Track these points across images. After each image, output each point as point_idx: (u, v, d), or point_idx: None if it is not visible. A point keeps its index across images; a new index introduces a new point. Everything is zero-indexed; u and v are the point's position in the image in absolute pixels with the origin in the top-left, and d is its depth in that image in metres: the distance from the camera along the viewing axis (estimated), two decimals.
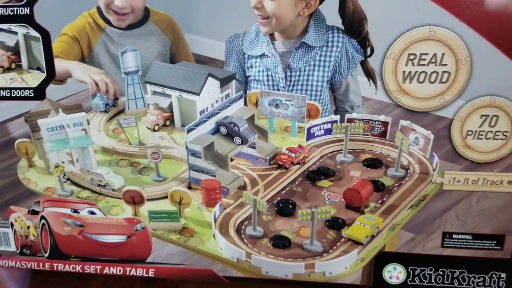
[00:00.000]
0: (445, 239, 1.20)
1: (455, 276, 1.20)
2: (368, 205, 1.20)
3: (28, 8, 1.19)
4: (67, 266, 1.28)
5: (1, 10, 1.20)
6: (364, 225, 1.13)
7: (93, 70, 1.39)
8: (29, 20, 1.20)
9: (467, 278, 1.20)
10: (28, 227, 1.30)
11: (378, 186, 1.23)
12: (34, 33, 1.22)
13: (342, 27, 1.30)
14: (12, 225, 1.34)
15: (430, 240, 1.23)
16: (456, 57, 1.10)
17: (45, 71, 1.25)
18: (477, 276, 1.20)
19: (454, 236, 1.20)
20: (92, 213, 1.26)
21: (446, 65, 1.11)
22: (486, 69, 1.10)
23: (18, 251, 1.34)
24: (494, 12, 1.06)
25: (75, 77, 1.38)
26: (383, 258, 1.20)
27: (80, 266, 1.28)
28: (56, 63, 1.24)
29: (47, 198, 1.29)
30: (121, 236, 1.22)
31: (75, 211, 1.26)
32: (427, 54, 1.12)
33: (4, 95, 1.27)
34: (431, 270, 1.21)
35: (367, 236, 1.12)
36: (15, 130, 1.42)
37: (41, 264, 1.30)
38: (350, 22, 1.27)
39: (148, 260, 1.25)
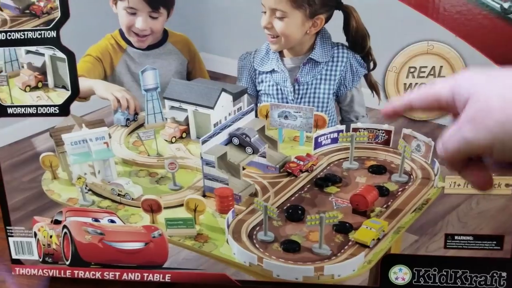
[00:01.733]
0: (448, 241, 1.22)
1: (458, 276, 1.22)
2: (374, 209, 1.22)
3: (55, 31, 1.22)
4: (87, 273, 1.30)
5: (30, 33, 1.23)
6: (370, 228, 1.15)
7: (115, 88, 1.42)
8: (55, 42, 1.23)
9: (469, 278, 1.22)
10: (51, 236, 1.32)
11: (383, 191, 1.25)
12: (60, 54, 1.25)
13: (346, 43, 1.32)
14: (35, 234, 1.36)
15: (433, 242, 1.24)
16: (453, 69, 1.13)
17: (69, 89, 1.27)
18: (478, 276, 1.21)
19: (456, 237, 1.22)
20: (112, 221, 1.28)
21: (444, 76, 1.14)
22: None
23: (41, 260, 1.36)
24: (487, 27, 1.09)
25: (98, 95, 1.41)
26: (389, 260, 1.22)
27: (100, 272, 1.30)
28: (80, 82, 1.28)
29: (69, 208, 1.31)
30: (139, 243, 1.24)
31: (96, 220, 1.28)
32: (426, 67, 1.15)
33: (31, 112, 1.30)
34: (435, 270, 1.23)
35: (373, 239, 1.14)
36: (40, 144, 1.43)
37: (62, 271, 1.32)
38: (353, 39, 1.30)
39: (165, 265, 1.27)
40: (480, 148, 0.62)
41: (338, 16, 1.28)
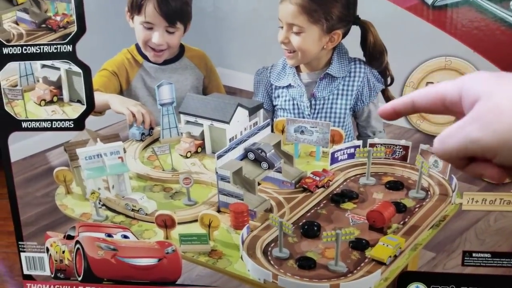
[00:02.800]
0: (465, 258, 1.22)
1: None
2: (391, 226, 1.21)
3: (71, 45, 1.24)
4: None
5: (46, 47, 1.25)
6: (387, 245, 1.14)
7: (130, 102, 1.44)
8: (71, 56, 1.25)
9: None
10: (63, 252, 1.32)
11: (400, 208, 1.25)
12: (76, 68, 1.27)
13: (363, 58, 1.34)
14: (47, 250, 1.36)
15: (451, 259, 1.24)
16: None
17: (85, 103, 1.28)
18: None
19: (473, 254, 1.22)
20: (126, 237, 1.28)
21: None
22: None
23: (53, 275, 1.36)
24: (505, 42, 1.10)
25: (114, 109, 1.42)
26: (405, 278, 1.22)
27: None
28: (96, 96, 1.29)
29: (82, 223, 1.31)
30: (152, 259, 1.24)
31: (109, 235, 1.28)
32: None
33: (46, 126, 1.31)
34: None
35: (390, 256, 1.13)
36: (54, 159, 1.44)
37: (74, 287, 1.32)
38: (371, 54, 1.32)
39: (178, 282, 1.26)
40: (484, 149, 0.62)
41: (355, 32, 1.30)
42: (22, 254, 1.39)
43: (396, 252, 1.15)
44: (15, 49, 1.25)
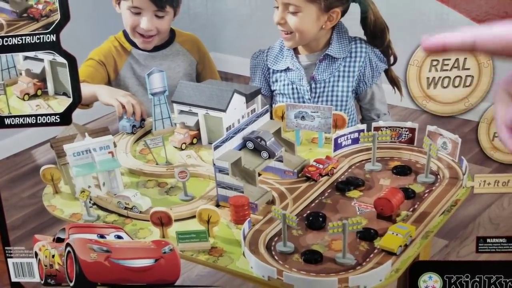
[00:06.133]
0: (480, 244, 1.23)
1: (492, 282, 1.22)
2: (400, 213, 1.22)
3: (54, 35, 1.23)
4: None
5: (28, 38, 1.24)
6: (397, 234, 1.14)
7: (119, 93, 1.44)
8: (55, 46, 1.25)
9: (504, 283, 1.22)
10: (53, 256, 1.31)
11: (408, 194, 1.25)
12: (60, 59, 1.27)
13: (364, 37, 1.35)
14: (36, 254, 1.36)
15: (464, 246, 1.25)
16: (478, 61, 1.15)
17: (71, 96, 1.28)
18: None
19: (488, 240, 1.22)
20: (119, 237, 1.27)
21: (469, 69, 1.16)
22: (508, 70, 1.11)
23: (43, 282, 1.35)
24: (511, 15, 1.10)
25: (102, 101, 1.42)
26: (418, 268, 1.23)
27: None
28: (83, 88, 1.29)
29: (72, 224, 1.30)
30: (149, 259, 1.23)
31: (102, 236, 1.27)
32: (449, 59, 1.16)
33: (30, 122, 1.30)
34: (467, 277, 1.23)
35: (401, 246, 1.13)
36: (41, 156, 1.45)
37: None
38: (372, 32, 1.32)
39: (177, 283, 1.26)
40: None
41: (355, 9, 1.30)
42: (9, 260, 1.39)
43: (406, 241, 1.15)
44: None
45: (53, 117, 1.30)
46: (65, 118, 1.30)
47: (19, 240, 1.38)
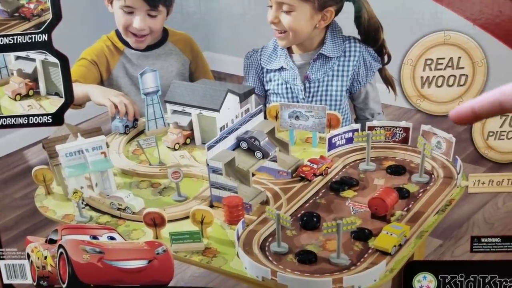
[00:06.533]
0: (474, 244, 1.22)
1: (486, 281, 1.22)
2: (394, 213, 1.22)
3: (46, 34, 1.23)
4: None
5: (20, 38, 1.24)
6: (391, 234, 1.14)
7: (112, 93, 1.44)
8: (47, 46, 1.24)
9: (498, 283, 1.21)
10: (46, 257, 1.30)
11: (403, 193, 1.25)
12: (52, 59, 1.26)
13: (358, 36, 1.35)
14: (28, 256, 1.35)
15: (459, 246, 1.25)
16: (472, 60, 1.15)
17: (63, 96, 1.27)
18: (508, 280, 1.21)
19: (482, 240, 1.22)
20: (112, 238, 1.27)
21: (463, 68, 1.16)
22: (502, 69, 1.14)
23: (35, 283, 1.34)
24: (505, 14, 1.10)
25: (94, 101, 1.42)
26: (412, 268, 1.22)
27: None
28: (75, 88, 1.28)
29: (65, 225, 1.30)
30: (142, 260, 1.22)
31: (94, 237, 1.27)
32: (443, 58, 1.16)
33: (22, 122, 1.29)
34: (461, 277, 1.22)
35: (395, 246, 1.14)
36: (33, 157, 1.45)
37: None
38: (366, 31, 1.33)
39: (171, 284, 1.25)
40: None
41: (348, 9, 1.30)
42: (1, 262, 1.38)
43: (401, 241, 1.15)
44: None
45: (45, 118, 1.29)
46: (57, 118, 1.29)
47: (11, 241, 1.38)
